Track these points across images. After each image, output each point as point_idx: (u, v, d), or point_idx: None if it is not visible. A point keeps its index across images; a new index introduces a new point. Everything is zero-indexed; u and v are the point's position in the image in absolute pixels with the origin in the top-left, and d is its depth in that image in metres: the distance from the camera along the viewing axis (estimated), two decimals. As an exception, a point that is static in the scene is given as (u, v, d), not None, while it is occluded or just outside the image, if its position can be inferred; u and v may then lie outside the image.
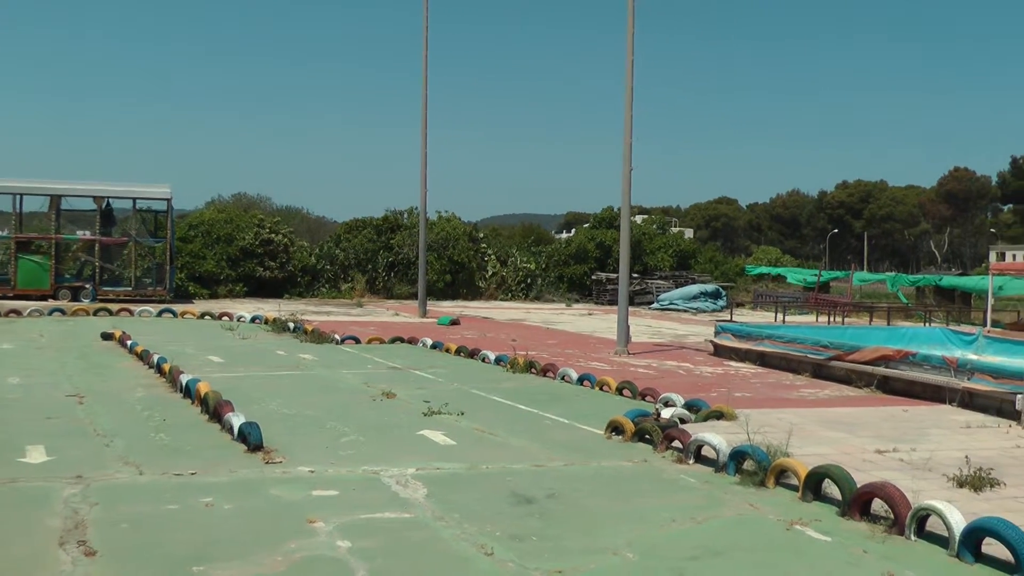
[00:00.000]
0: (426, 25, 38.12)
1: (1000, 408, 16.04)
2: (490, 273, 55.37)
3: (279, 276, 48.50)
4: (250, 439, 11.38)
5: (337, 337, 25.40)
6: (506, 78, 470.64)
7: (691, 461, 11.45)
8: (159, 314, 32.91)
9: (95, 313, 32.67)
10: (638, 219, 70.55)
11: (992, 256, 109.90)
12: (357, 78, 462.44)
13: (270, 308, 36.75)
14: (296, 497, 9.36)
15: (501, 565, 7.53)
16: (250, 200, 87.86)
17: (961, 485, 10.55)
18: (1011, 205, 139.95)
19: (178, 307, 34.60)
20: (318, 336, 25.41)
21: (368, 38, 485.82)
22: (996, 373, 16.89)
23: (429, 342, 24.85)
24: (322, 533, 8.17)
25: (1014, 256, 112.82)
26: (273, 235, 48.66)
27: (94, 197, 40.60)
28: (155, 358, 18.57)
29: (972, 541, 8.05)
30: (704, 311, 48.42)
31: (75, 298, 38.18)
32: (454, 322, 33.77)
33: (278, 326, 28.11)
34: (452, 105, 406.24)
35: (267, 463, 10.78)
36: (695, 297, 50.30)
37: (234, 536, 8.03)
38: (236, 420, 12.05)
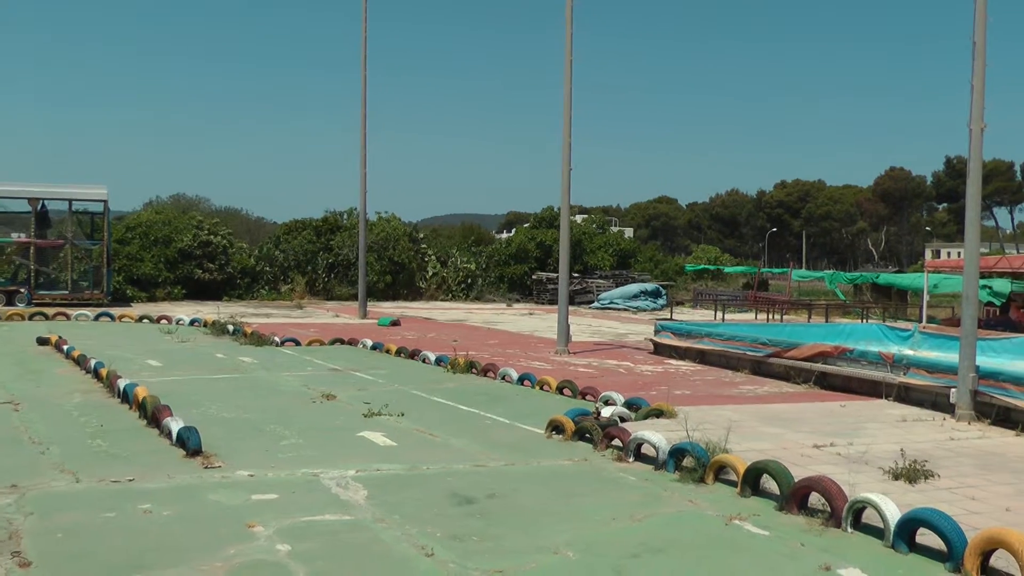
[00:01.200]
0: (365, 26, 37.99)
1: (935, 402, 16.29)
2: (430, 273, 55.27)
3: (218, 278, 48.04)
4: (189, 444, 11.29)
5: (277, 339, 25.26)
6: (446, 79, 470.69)
7: (631, 459, 11.51)
8: (96, 318, 32.44)
9: (30, 317, 32.12)
10: (578, 219, 70.74)
11: (928, 254, 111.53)
12: (297, 79, 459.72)
13: (209, 311, 36.42)
14: (235, 502, 9.30)
15: (442, 566, 7.53)
16: (189, 201, 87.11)
17: (896, 478, 10.71)
18: (945, 204, 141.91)
19: (116, 310, 34.14)
20: (258, 338, 25.24)
21: (306, 39, 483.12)
22: (931, 368, 17.13)
23: (369, 343, 24.79)
24: (262, 537, 8.13)
25: (949, 253, 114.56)
26: (212, 237, 48.18)
27: (28, 198, 39.89)
28: (92, 363, 18.34)
29: (906, 532, 8.19)
30: (644, 310, 48.63)
31: (10, 302, 37.55)
32: (394, 323, 33.68)
33: (217, 329, 27.86)
34: (392, 106, 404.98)
35: (206, 468, 10.70)
36: (635, 296, 50.49)
37: (173, 543, 7.95)
38: (175, 425, 11.95)
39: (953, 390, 15.63)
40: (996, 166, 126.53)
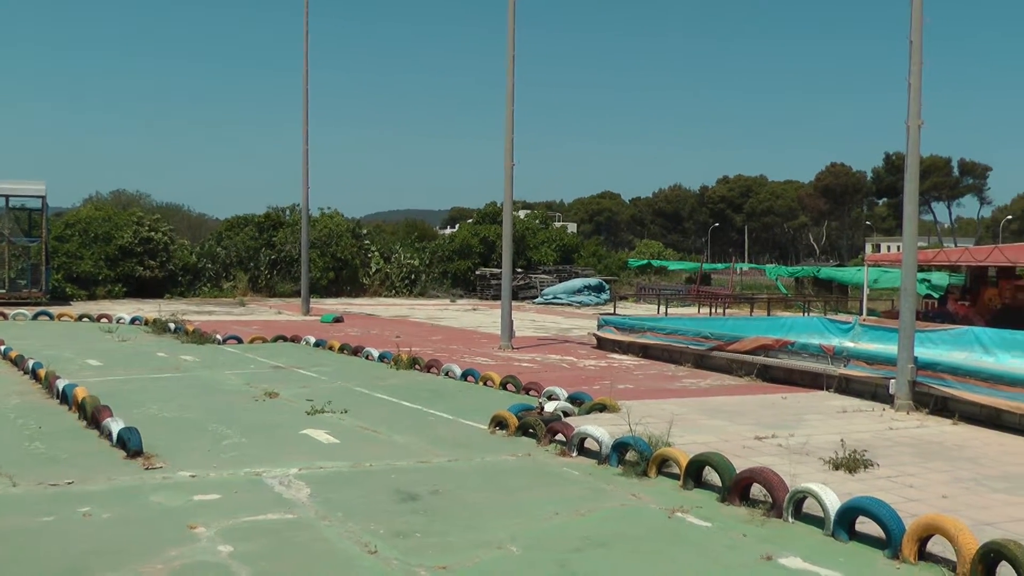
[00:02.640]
0: (306, 20, 37.77)
1: (875, 393, 16.49)
2: (374, 270, 55.15)
3: (159, 276, 47.61)
4: (129, 445, 11.15)
5: (219, 337, 25.07)
6: (388, 74, 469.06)
7: (574, 454, 11.54)
8: (35, 317, 32.03)
9: (-34, 318, 31.69)
10: (522, 214, 70.83)
11: (868, 248, 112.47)
12: (238, 75, 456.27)
13: (150, 309, 36.05)
14: (177, 503, 9.20)
15: (385, 563, 7.51)
16: (129, 197, 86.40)
17: (837, 467, 10.84)
18: (885, 199, 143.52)
19: (55, 309, 33.69)
20: (200, 336, 25.04)
21: (247, 34, 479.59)
22: (871, 359, 17.33)
23: (312, 340, 24.67)
24: (203, 538, 8.05)
25: (889, 247, 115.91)
26: (153, 233, 47.71)
27: (-37, 195, 39.29)
28: (30, 363, 18.07)
29: (846, 520, 8.29)
30: (588, 304, 48.80)
31: (-56, 302, 37.00)
32: (338, 320, 33.54)
33: (159, 327, 27.60)
34: (334, 101, 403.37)
35: (147, 469, 10.58)
36: (579, 291, 50.69)
37: (112, 546, 7.85)
38: (115, 426, 11.81)
39: (892, 381, 15.84)
40: (934, 162, 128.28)
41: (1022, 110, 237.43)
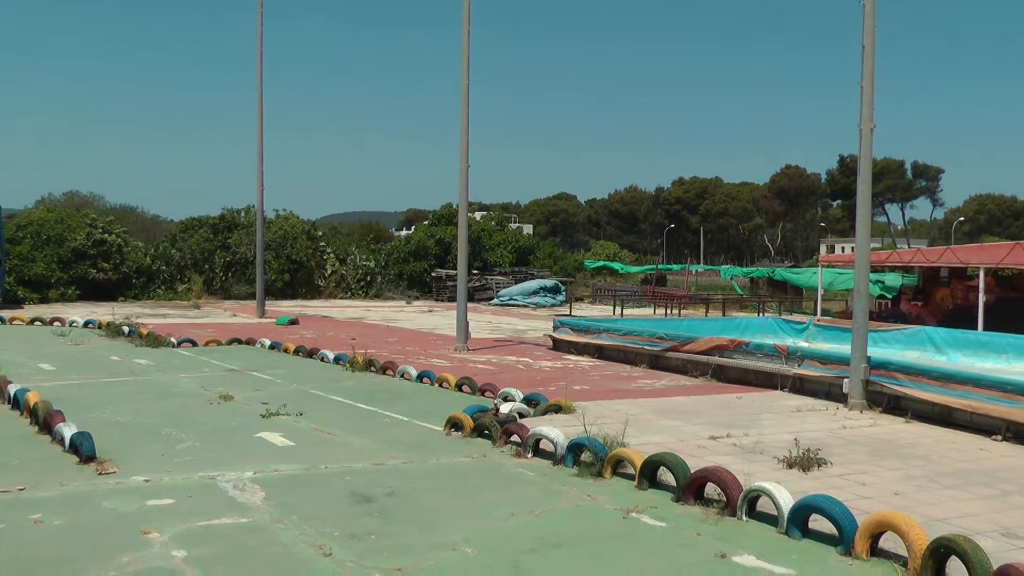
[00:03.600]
0: (260, 22, 37.55)
1: (828, 392, 16.64)
2: (329, 272, 54.94)
3: (113, 278, 47.14)
4: (82, 450, 11.03)
5: (173, 340, 24.87)
6: (345, 77, 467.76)
7: (530, 455, 11.56)
8: (-15, 322, 31.69)
9: (-85, 323, 31.26)
10: (478, 216, 70.83)
11: (823, 249, 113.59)
12: (193, 76, 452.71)
13: (104, 312, 35.71)
14: (130, 508, 9.11)
15: (340, 565, 7.49)
16: (82, 199, 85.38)
17: (791, 466, 10.93)
18: (839, 201, 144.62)
19: (6, 313, 33.28)
20: (154, 340, 24.84)
21: (202, 36, 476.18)
22: (824, 359, 17.48)
23: (267, 343, 24.56)
24: (157, 544, 7.98)
25: (843, 248, 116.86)
26: (106, 235, 47.23)
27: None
28: (-20, 368, 17.89)
29: (800, 518, 8.37)
30: (544, 306, 48.87)
31: None
32: (293, 322, 33.41)
33: (112, 330, 27.34)
34: (290, 103, 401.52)
35: (100, 474, 10.47)
36: (534, 292, 50.75)
37: (65, 553, 7.76)
38: (67, 430, 11.67)
39: (846, 380, 15.99)
40: (888, 164, 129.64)
41: (974, 114, 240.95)
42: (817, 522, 8.36)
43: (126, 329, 26.96)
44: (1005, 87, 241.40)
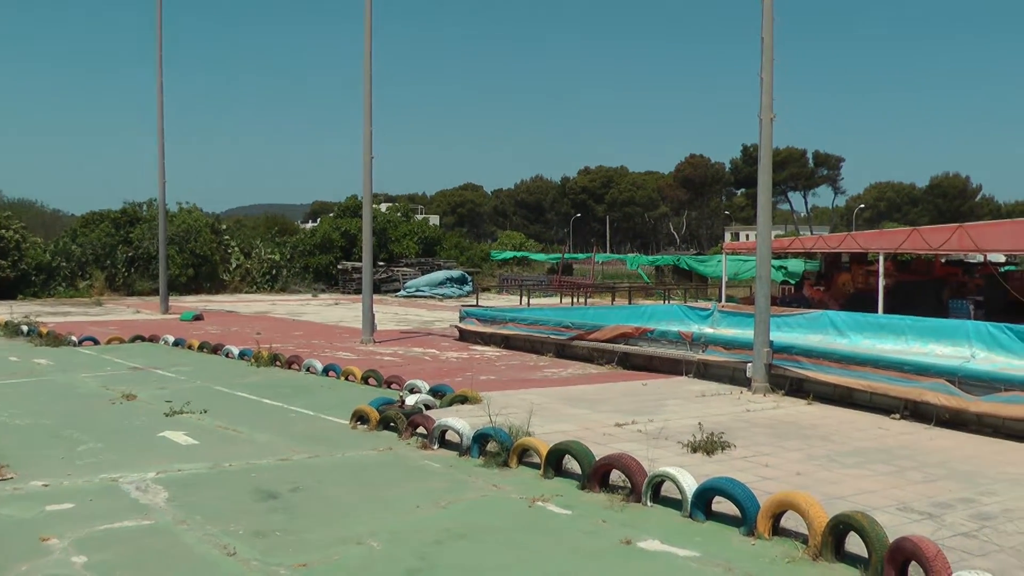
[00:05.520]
0: (160, 17, 36.90)
1: (733, 376, 16.84)
2: (234, 265, 54.33)
3: (11, 276, 45.97)
4: (-24, 454, 10.75)
5: (75, 339, 24.37)
6: (245, 69, 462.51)
7: (436, 446, 11.51)
8: None
9: None
10: (383, 207, 70.55)
11: (727, 236, 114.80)
12: (92, 69, 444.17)
13: (2, 311, 34.77)
14: (28, 515, 8.85)
15: (245, 564, 7.39)
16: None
17: (695, 450, 11.03)
18: (743, 189, 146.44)
19: None
20: (54, 338, 24.30)
21: (100, 29, 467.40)
22: (728, 344, 17.68)
23: (171, 339, 24.19)
24: (56, 550, 7.76)
25: (747, 236, 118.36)
26: (3, 231, 46.02)
27: None
28: None
29: (703, 501, 8.46)
30: (451, 297, 48.83)
31: None
32: (197, 317, 32.91)
33: (10, 330, 26.70)
34: (191, 95, 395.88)
35: (-4, 479, 10.21)
36: (441, 283, 50.67)
37: (-42, 560, 7.56)
38: (-41, 433, 11.37)
39: (749, 365, 16.20)
40: (791, 153, 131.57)
41: (873, 104, 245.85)
42: (721, 504, 8.45)
43: (25, 328, 26.34)
44: (904, 78, 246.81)
